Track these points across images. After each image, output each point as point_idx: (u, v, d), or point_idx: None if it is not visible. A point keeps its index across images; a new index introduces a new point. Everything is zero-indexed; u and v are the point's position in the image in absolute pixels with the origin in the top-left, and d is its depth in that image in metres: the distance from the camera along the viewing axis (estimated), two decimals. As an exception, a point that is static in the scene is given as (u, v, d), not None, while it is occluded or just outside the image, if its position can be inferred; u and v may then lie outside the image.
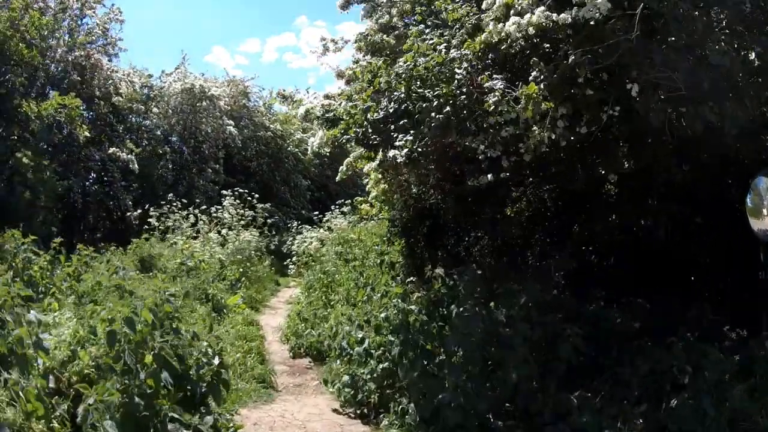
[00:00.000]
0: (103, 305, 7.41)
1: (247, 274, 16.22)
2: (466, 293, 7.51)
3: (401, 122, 7.30)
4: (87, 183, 20.60)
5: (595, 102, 6.63)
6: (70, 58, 20.20)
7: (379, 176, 11.38)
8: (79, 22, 21.69)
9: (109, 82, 22.36)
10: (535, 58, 6.36)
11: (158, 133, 26.03)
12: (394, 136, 7.35)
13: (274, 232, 21.83)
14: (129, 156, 20.90)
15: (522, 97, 5.90)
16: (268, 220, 20.98)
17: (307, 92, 35.03)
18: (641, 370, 7.05)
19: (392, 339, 7.35)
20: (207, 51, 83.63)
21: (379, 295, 9.83)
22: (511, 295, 7.97)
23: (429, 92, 6.83)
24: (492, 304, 7.85)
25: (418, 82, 7.06)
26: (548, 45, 7.09)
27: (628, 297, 8.71)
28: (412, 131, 7.00)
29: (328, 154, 32.05)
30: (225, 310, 12.73)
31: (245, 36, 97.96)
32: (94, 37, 22.03)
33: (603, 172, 8.72)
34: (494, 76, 6.42)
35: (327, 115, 9.94)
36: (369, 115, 7.55)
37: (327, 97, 11.25)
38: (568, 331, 7.36)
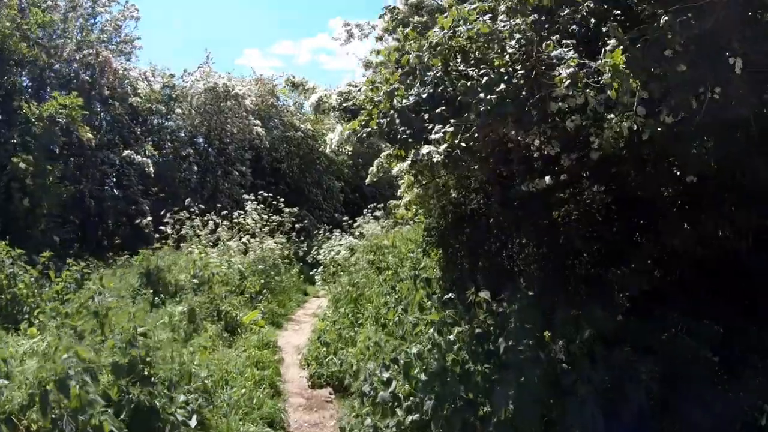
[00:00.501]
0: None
1: (270, 285, 14.88)
2: (518, 325, 6.01)
3: (438, 109, 5.76)
4: (105, 188, 19.38)
5: (688, 82, 5.11)
6: (77, 57, 18.99)
7: (412, 179, 9.90)
8: (92, 21, 20.59)
9: (125, 81, 21.17)
10: (612, 23, 4.82)
11: (181, 134, 24.85)
12: (429, 127, 5.80)
13: (302, 238, 20.41)
14: (144, 159, 19.65)
15: (606, 69, 4.35)
16: (297, 225, 19.56)
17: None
18: (714, 409, 5.80)
19: (426, 386, 5.85)
20: (239, 54, 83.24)
21: (412, 317, 8.40)
22: (570, 324, 6.49)
23: (473, 70, 5.31)
24: (547, 334, 6.40)
25: (459, 57, 5.55)
26: (620, 12, 5.59)
27: (698, 319, 7.25)
28: (452, 121, 5.47)
29: (349, 152, 30.81)
30: (240, 329, 11.39)
31: (278, 38, 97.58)
32: (106, 36, 20.83)
33: (678, 173, 7.22)
34: (563, 41, 4.88)
35: (345, 104, 8.38)
36: (396, 101, 5.94)
37: (350, 86, 9.62)
38: (642, 371, 5.92)
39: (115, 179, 19.81)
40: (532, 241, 9.48)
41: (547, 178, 6.16)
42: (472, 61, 5.43)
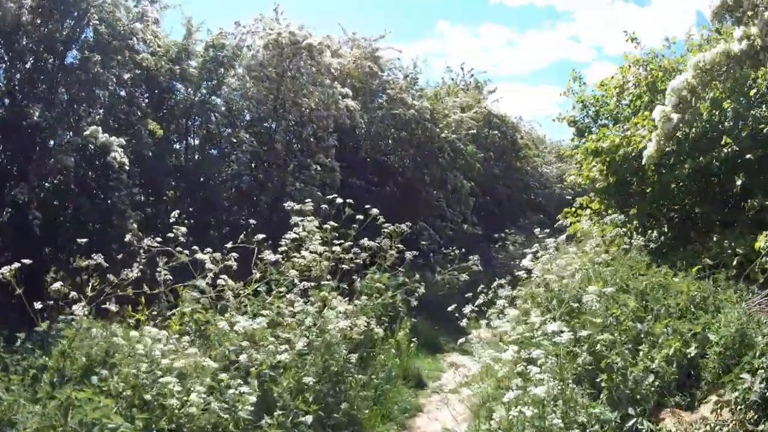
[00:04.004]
0: None
1: (338, 405, 6.52)
2: None
3: None
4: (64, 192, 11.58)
5: None
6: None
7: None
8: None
9: (119, 26, 13.38)
10: None
11: (245, 114, 16.87)
12: None
13: (417, 275, 11.39)
14: (108, 138, 11.27)
15: None
16: (408, 254, 10.49)
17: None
18: None
19: None
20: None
21: None
22: None
23: None
24: None
25: None
26: None
27: None
28: None
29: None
30: None
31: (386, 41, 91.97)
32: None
33: None
34: None
35: None
36: None
37: None
38: None
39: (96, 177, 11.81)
40: None
41: None
42: None
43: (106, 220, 12.35)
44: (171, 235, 8.28)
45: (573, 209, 14.29)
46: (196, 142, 16.62)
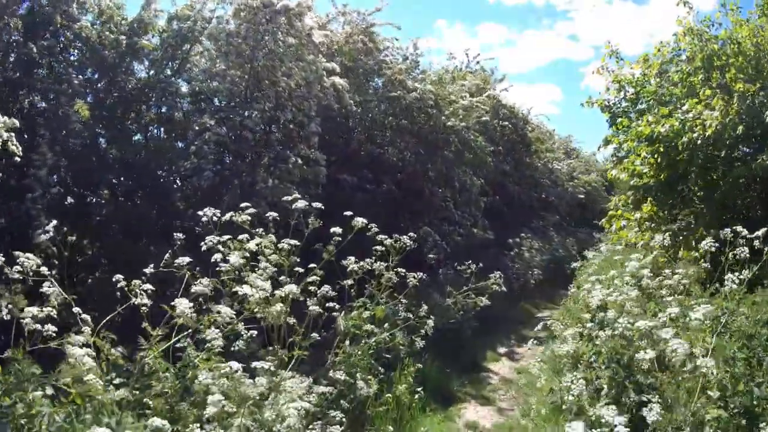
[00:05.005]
0: None
1: None
2: None
3: None
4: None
5: None
6: None
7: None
8: None
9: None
10: None
11: (215, 98, 13.97)
12: None
13: (424, 304, 8.51)
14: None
15: None
16: (411, 277, 7.67)
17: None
18: None
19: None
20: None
21: None
22: None
23: None
24: None
25: None
26: None
27: None
28: None
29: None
30: None
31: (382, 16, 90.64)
32: None
33: None
34: None
35: None
36: None
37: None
38: None
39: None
40: None
41: None
42: None
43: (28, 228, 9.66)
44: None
45: (619, 212, 11.48)
46: (157, 132, 13.85)
